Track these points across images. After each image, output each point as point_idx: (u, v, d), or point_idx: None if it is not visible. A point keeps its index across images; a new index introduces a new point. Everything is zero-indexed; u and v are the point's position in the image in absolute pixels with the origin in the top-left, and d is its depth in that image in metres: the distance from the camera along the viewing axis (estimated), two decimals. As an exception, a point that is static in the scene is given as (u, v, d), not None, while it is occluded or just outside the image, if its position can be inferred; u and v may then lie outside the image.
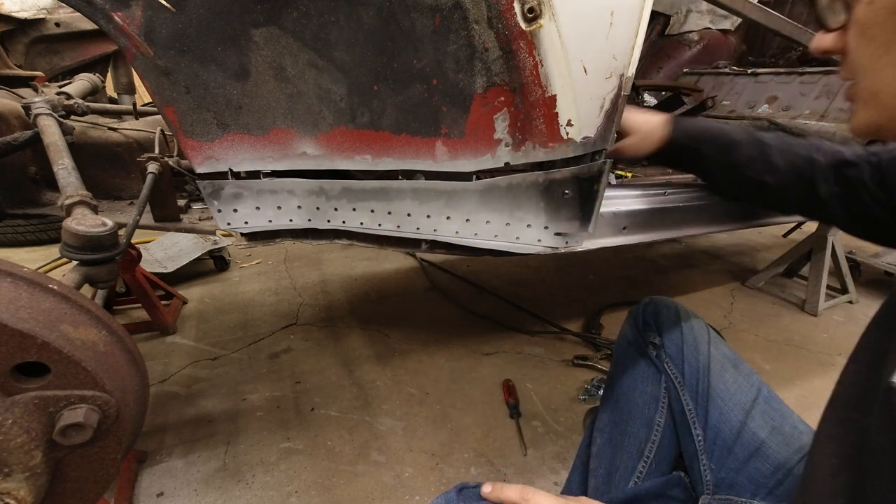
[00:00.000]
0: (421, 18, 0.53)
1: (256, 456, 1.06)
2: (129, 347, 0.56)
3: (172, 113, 0.63)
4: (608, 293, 1.89)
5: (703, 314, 0.86)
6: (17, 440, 0.44)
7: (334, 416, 1.19)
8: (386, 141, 0.65)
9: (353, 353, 1.45)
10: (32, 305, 0.46)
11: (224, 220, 0.75)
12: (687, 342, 0.73)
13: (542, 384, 1.33)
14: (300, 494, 0.97)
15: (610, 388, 0.80)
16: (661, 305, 0.79)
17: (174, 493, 0.96)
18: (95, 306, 0.53)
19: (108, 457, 0.52)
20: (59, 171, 0.72)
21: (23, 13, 1.54)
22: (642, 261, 2.25)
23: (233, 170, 0.69)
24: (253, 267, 2.03)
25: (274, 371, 1.35)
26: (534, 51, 0.53)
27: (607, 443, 0.74)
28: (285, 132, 0.66)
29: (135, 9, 0.54)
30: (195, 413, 1.18)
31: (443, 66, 0.57)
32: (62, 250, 0.60)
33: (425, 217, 0.73)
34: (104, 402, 0.48)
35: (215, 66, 0.59)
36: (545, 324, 1.62)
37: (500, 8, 0.51)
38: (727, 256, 2.34)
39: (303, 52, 0.58)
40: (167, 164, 0.87)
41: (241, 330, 1.54)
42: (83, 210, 0.65)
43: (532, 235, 0.72)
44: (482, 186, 0.68)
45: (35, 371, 0.46)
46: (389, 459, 1.06)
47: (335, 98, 0.62)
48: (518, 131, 0.61)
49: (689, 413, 0.69)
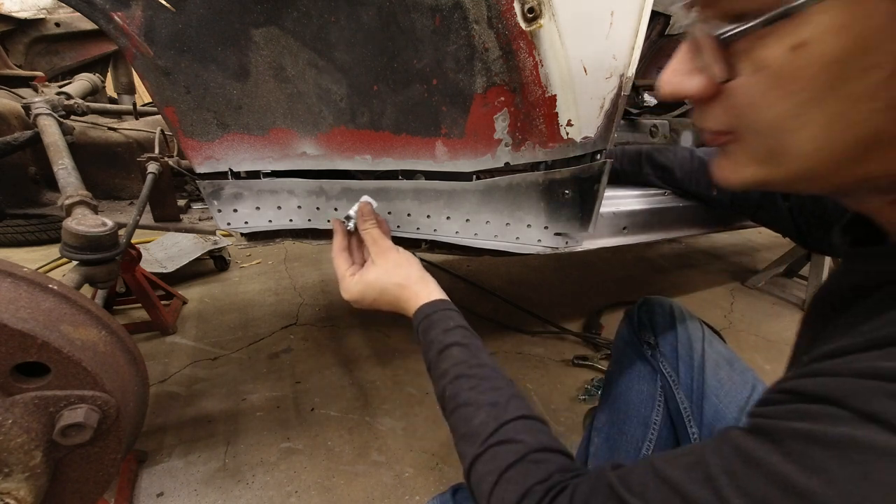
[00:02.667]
0: (421, 18, 0.53)
1: (256, 456, 1.06)
2: (129, 347, 0.56)
3: (172, 113, 0.63)
4: (608, 293, 1.89)
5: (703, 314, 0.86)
6: (17, 440, 0.44)
7: (334, 416, 1.19)
8: (386, 141, 0.65)
9: (353, 353, 1.45)
10: (32, 305, 0.46)
11: (224, 220, 0.75)
12: (681, 341, 0.74)
13: (542, 384, 1.33)
14: (300, 494, 0.97)
15: (607, 388, 0.80)
16: (655, 305, 0.79)
17: (174, 493, 0.96)
18: (95, 306, 0.53)
19: (108, 457, 0.52)
20: (59, 171, 0.72)
21: (23, 13, 1.54)
22: (642, 261, 2.25)
23: (233, 170, 0.69)
24: (253, 267, 2.03)
25: (274, 371, 1.35)
26: (534, 51, 0.53)
27: (605, 442, 0.74)
28: (285, 132, 0.66)
29: (135, 9, 0.54)
30: (195, 413, 1.18)
31: (443, 66, 0.57)
32: (62, 250, 0.60)
33: (425, 217, 0.73)
34: (104, 402, 0.48)
35: (215, 66, 0.59)
36: (545, 324, 1.62)
37: (500, 8, 0.51)
38: (727, 256, 2.34)
39: (303, 52, 0.58)
40: (167, 164, 0.87)
41: (241, 330, 1.54)
42: (83, 210, 0.65)
43: (532, 235, 0.72)
44: (482, 186, 0.68)
45: (35, 371, 0.46)
46: (389, 459, 1.06)
47: (335, 98, 0.62)
48: (518, 131, 0.61)
49: (685, 411, 0.70)
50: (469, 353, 0.50)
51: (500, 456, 0.40)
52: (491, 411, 0.44)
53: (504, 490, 0.38)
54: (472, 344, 0.51)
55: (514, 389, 0.47)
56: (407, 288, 0.58)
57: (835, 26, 0.24)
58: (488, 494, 0.39)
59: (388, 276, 0.59)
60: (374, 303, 0.60)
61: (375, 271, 0.60)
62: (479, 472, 0.41)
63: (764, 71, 0.27)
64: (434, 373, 0.51)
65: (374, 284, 0.59)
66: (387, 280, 0.58)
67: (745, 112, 0.29)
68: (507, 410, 0.43)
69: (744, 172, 0.32)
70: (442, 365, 0.49)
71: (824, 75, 0.25)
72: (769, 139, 0.29)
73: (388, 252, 0.61)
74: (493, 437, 0.41)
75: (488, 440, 0.41)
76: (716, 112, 0.32)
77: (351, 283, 0.61)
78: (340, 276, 0.62)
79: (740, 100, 0.29)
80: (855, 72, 0.24)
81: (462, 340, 0.51)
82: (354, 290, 0.60)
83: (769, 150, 0.30)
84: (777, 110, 0.28)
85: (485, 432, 0.42)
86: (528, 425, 0.43)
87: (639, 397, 0.74)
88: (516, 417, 0.43)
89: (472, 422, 0.44)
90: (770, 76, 0.27)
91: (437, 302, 0.56)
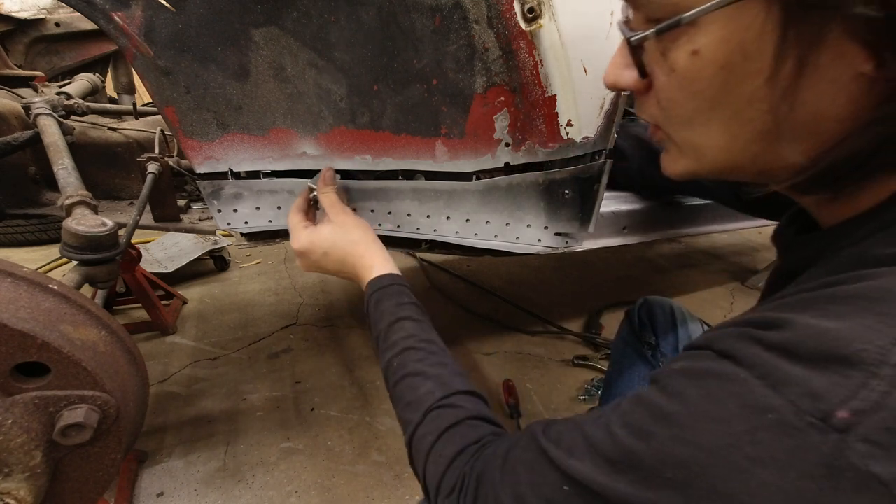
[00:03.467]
0: (421, 18, 0.53)
1: (256, 456, 1.06)
2: (129, 347, 0.56)
3: (172, 113, 0.63)
4: (608, 293, 1.89)
5: (703, 314, 0.86)
6: (17, 440, 0.44)
7: (334, 416, 1.18)
8: (386, 141, 0.65)
9: (353, 353, 1.44)
10: (32, 305, 0.46)
11: (224, 220, 0.75)
12: (682, 341, 0.74)
13: (542, 384, 1.33)
14: (300, 494, 0.97)
15: (608, 388, 0.80)
16: (655, 305, 0.79)
17: (174, 493, 0.96)
18: (95, 306, 0.53)
19: (108, 457, 0.52)
20: (59, 171, 0.72)
21: (23, 13, 1.54)
22: (642, 261, 2.25)
23: (233, 170, 0.69)
24: (253, 267, 2.03)
25: (274, 371, 1.35)
26: (534, 51, 0.53)
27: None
28: (285, 132, 0.66)
29: (135, 9, 0.54)
30: (195, 413, 1.18)
31: (443, 66, 0.57)
32: (62, 250, 0.60)
33: (425, 217, 0.73)
34: (104, 402, 0.48)
35: (215, 66, 0.59)
36: (545, 324, 1.62)
37: (500, 8, 0.51)
38: (727, 256, 2.34)
39: (303, 52, 0.58)
40: (167, 164, 0.87)
41: (241, 330, 1.54)
42: (83, 210, 0.65)
43: (532, 235, 0.72)
44: (482, 186, 0.68)
45: (35, 371, 0.46)
46: (389, 459, 1.06)
47: (335, 98, 0.62)
48: (518, 131, 0.61)
49: None
50: (420, 328, 0.51)
51: (442, 418, 0.43)
52: (437, 382, 0.46)
53: (442, 447, 0.41)
54: (424, 321, 0.52)
55: (459, 368, 0.49)
56: (359, 246, 0.58)
57: (721, 36, 0.27)
58: (426, 453, 0.41)
59: (342, 232, 0.59)
60: (321, 258, 0.59)
61: (330, 227, 0.60)
62: (419, 434, 0.43)
63: (674, 73, 0.30)
64: (382, 344, 0.51)
65: (327, 238, 0.59)
66: (340, 236, 0.58)
67: (667, 107, 0.33)
68: (454, 384, 0.46)
69: (678, 165, 0.36)
70: (392, 336, 0.50)
71: (718, 79, 0.28)
72: (688, 133, 0.33)
73: (345, 213, 0.61)
74: (438, 404, 0.44)
75: (433, 406, 0.44)
76: (649, 104, 0.35)
77: (303, 233, 0.60)
78: (292, 226, 0.62)
79: (662, 96, 0.32)
80: (740, 76, 0.27)
81: (415, 316, 0.52)
82: (304, 241, 0.60)
83: (690, 144, 0.33)
84: (688, 108, 0.31)
85: (430, 400, 0.44)
86: (472, 399, 0.45)
87: (638, 397, 0.74)
88: (461, 391, 0.45)
89: (418, 390, 0.45)
90: (678, 78, 0.30)
91: (393, 275, 0.56)
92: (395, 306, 0.52)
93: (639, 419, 0.27)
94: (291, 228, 0.62)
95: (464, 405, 0.44)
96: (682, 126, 0.33)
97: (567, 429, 0.32)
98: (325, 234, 0.59)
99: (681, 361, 0.29)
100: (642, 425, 0.27)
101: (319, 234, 0.59)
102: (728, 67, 0.27)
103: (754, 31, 0.26)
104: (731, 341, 0.26)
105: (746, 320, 0.27)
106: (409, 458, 0.45)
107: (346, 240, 0.58)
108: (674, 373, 0.28)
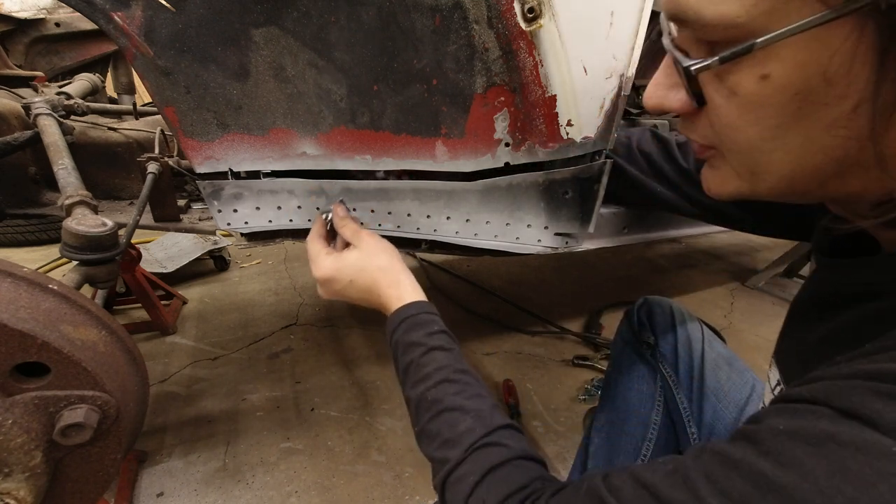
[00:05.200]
0: (421, 18, 0.53)
1: (256, 456, 1.06)
2: (129, 347, 0.56)
3: (172, 113, 0.63)
4: (608, 293, 1.89)
5: (703, 314, 0.86)
6: (17, 440, 0.44)
7: (334, 416, 1.19)
8: (386, 141, 0.65)
9: (353, 353, 1.45)
10: (32, 305, 0.46)
11: (224, 220, 0.75)
12: (681, 341, 0.74)
13: (542, 384, 1.33)
14: (300, 494, 0.97)
15: (607, 388, 0.80)
16: (655, 305, 0.79)
17: (174, 493, 0.96)
18: (95, 306, 0.53)
19: (108, 457, 0.52)
20: (59, 171, 0.72)
21: (23, 13, 1.54)
22: (642, 261, 2.25)
23: (233, 170, 0.69)
24: (253, 267, 2.03)
25: (274, 371, 1.35)
26: (534, 51, 0.53)
27: (605, 442, 0.74)
28: (285, 132, 0.66)
29: (135, 9, 0.54)
30: (195, 413, 1.18)
31: (443, 66, 0.57)
32: (62, 250, 0.60)
33: (425, 217, 0.73)
34: (104, 402, 0.48)
35: (215, 66, 0.59)
36: (545, 324, 1.62)
37: (500, 8, 0.51)
38: (727, 256, 2.34)
39: (303, 52, 0.58)
40: (167, 164, 0.87)
41: (241, 330, 1.54)
42: (83, 210, 0.65)
43: (532, 235, 0.72)
44: (482, 186, 0.68)
45: (35, 371, 0.46)
46: (389, 459, 1.06)
47: (335, 98, 0.62)
48: (518, 131, 0.61)
49: (685, 412, 0.70)
50: (453, 358, 0.49)
51: (486, 457, 0.40)
52: (477, 417, 0.43)
53: (486, 490, 0.38)
54: (455, 350, 0.50)
55: (493, 400, 0.47)
56: (388, 274, 0.56)
57: (800, 61, 0.24)
58: (466, 495, 0.38)
59: (370, 258, 0.57)
60: (347, 286, 0.57)
61: (357, 253, 0.58)
62: (459, 473, 0.40)
63: (736, 97, 0.28)
64: (413, 375, 0.49)
65: (353, 264, 0.57)
66: (368, 262, 0.56)
67: (724, 132, 0.30)
68: (494, 418, 0.44)
69: (729, 186, 0.34)
70: (425, 368, 0.48)
71: (792, 104, 0.26)
72: (747, 158, 0.30)
73: (371, 237, 0.59)
74: (480, 442, 0.41)
75: (475, 444, 0.41)
76: (701, 126, 0.32)
77: (327, 260, 0.58)
78: (314, 253, 0.60)
79: (719, 120, 0.30)
80: (819, 103, 0.25)
81: (446, 345, 0.50)
82: (329, 268, 0.58)
83: (749, 168, 0.31)
84: (751, 133, 0.28)
85: (472, 437, 0.42)
86: (513, 434, 0.43)
87: (638, 397, 0.74)
88: (503, 426, 0.43)
89: (458, 426, 0.43)
90: (742, 102, 0.28)
91: (421, 303, 0.54)
92: (425, 336, 0.50)
93: (739, 490, 0.23)
94: (313, 256, 0.60)
95: (507, 443, 0.41)
96: (744, 151, 0.30)
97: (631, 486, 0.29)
98: (352, 261, 0.57)
99: (784, 419, 0.24)
100: (746, 498, 0.22)
101: (345, 260, 0.57)
102: (804, 94, 0.25)
103: (843, 55, 0.23)
104: (848, 394, 0.22)
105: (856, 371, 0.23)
106: (440, 498, 0.42)
107: (373, 266, 0.56)
108: (779, 434, 0.23)
